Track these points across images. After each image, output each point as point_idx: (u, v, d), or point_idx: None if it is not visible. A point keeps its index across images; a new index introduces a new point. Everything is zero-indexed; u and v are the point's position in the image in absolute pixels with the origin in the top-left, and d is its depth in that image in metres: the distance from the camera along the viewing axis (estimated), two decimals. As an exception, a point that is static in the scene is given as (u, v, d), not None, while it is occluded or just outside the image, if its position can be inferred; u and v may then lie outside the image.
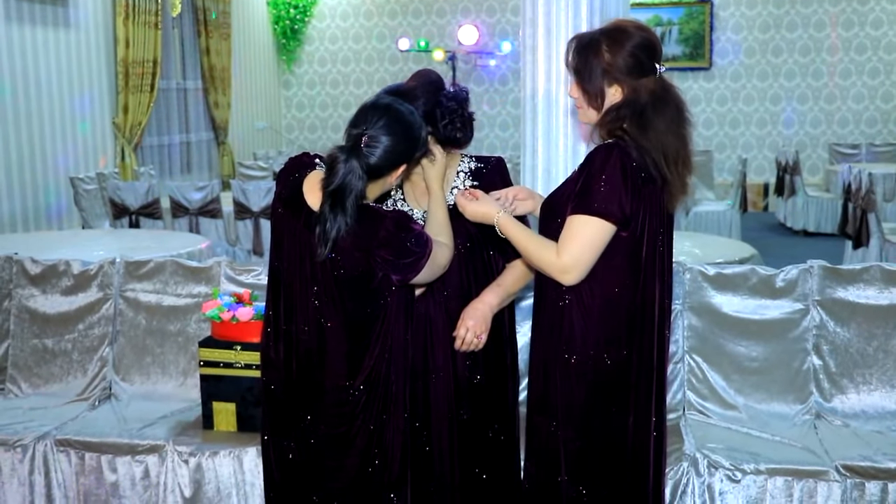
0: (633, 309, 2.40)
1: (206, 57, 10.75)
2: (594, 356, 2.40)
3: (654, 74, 2.39)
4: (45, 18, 8.11)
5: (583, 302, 2.39)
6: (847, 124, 11.99)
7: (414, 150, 2.42)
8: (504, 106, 12.70)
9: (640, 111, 2.33)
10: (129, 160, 9.05)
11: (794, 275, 3.52)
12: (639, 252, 2.38)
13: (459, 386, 2.66)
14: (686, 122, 2.41)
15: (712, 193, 9.93)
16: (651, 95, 2.35)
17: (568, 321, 2.41)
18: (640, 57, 2.37)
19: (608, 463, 2.44)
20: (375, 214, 2.35)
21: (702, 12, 12.04)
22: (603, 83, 2.39)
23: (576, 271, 2.34)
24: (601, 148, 2.36)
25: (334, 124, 13.18)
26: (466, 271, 2.66)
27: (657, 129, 2.33)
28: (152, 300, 3.89)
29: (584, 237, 2.33)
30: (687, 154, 2.40)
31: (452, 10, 12.77)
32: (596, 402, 2.42)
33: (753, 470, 3.07)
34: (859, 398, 3.46)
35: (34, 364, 3.94)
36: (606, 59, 2.37)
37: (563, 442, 2.44)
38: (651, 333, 2.44)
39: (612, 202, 2.29)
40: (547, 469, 2.49)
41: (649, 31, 2.45)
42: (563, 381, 2.43)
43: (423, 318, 2.62)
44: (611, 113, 2.38)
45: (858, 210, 7.26)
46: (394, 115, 2.37)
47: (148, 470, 3.36)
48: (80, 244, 5.73)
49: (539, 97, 3.96)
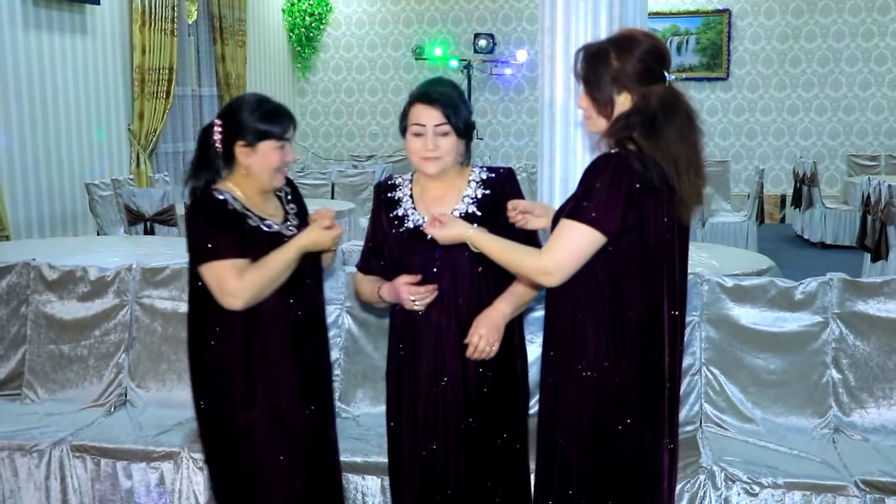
0: (643, 321, 2.37)
1: (221, 64, 10.78)
2: (606, 368, 2.37)
3: (664, 81, 2.37)
4: (63, 25, 8.16)
5: (594, 314, 2.37)
6: (866, 135, 11.92)
7: (233, 128, 2.66)
8: (519, 115, 12.69)
9: (650, 119, 2.31)
10: (144, 167, 9.08)
11: (813, 287, 3.50)
12: (646, 263, 2.35)
13: (469, 394, 2.66)
14: (697, 130, 2.38)
15: (729, 205, 9.89)
16: (661, 102, 2.33)
17: (580, 333, 2.39)
18: (650, 63, 2.35)
19: (620, 478, 2.41)
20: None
21: (720, 22, 12.01)
22: (612, 91, 2.37)
23: (558, 275, 2.34)
24: (602, 157, 2.34)
25: (349, 132, 13.21)
26: (479, 280, 2.66)
27: (667, 137, 2.30)
28: (168, 307, 3.90)
29: (571, 243, 2.32)
30: (699, 163, 2.37)
31: (468, 19, 12.77)
32: (607, 415, 2.39)
33: (771, 483, 3.05)
34: (879, 413, 3.43)
35: (50, 370, 3.95)
36: (615, 67, 2.36)
37: (575, 456, 2.42)
38: (662, 345, 2.41)
39: (604, 213, 2.28)
40: (558, 483, 2.46)
41: (657, 39, 2.44)
42: (574, 393, 2.41)
43: (435, 326, 2.63)
44: (620, 121, 2.36)
45: (877, 222, 7.21)
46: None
47: (163, 476, 3.36)
48: (96, 250, 5.74)
49: (557, 106, 3.95)
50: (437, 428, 2.66)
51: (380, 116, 13.23)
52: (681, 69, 11.97)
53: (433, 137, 2.64)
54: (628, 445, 2.40)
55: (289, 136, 2.70)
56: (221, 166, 2.72)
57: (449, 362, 2.64)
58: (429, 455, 2.67)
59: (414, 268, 2.65)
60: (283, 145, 2.69)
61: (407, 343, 2.69)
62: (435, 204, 2.70)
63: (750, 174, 11.44)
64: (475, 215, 2.67)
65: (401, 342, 2.72)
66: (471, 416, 2.66)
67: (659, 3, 11.86)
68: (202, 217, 2.63)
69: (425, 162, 2.67)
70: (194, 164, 2.73)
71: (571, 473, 2.43)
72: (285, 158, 2.70)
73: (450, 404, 2.65)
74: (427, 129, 2.64)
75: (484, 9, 12.74)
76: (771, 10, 11.97)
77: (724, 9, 12.00)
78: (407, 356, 2.69)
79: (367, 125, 13.28)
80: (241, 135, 2.65)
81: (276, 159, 2.67)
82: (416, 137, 2.67)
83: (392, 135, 13.15)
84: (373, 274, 2.80)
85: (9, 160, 7.45)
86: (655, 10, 11.60)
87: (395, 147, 12.93)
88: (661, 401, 2.43)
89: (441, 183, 2.73)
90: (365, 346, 3.71)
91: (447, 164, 2.68)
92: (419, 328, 2.66)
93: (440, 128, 2.64)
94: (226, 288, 2.57)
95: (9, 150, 7.44)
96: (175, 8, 9.46)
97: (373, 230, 2.82)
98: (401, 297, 2.63)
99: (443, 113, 2.63)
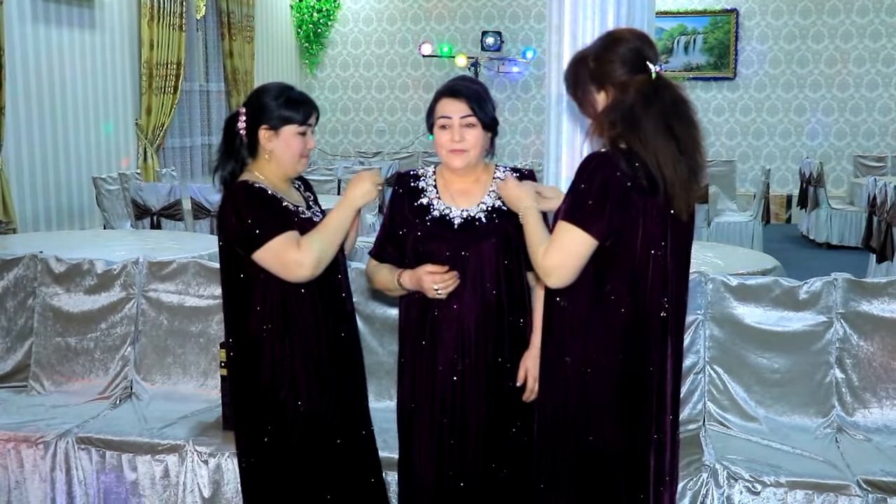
0: (628, 316, 2.37)
1: (229, 59, 10.80)
2: (587, 360, 2.39)
3: (647, 74, 2.35)
4: (72, 19, 8.18)
5: (579, 306, 2.39)
6: (873, 136, 11.90)
7: (257, 113, 2.70)
8: (526, 113, 12.69)
9: (628, 111, 2.31)
10: (151, 161, 9.10)
11: (817, 287, 3.50)
12: (632, 259, 2.35)
13: (490, 384, 2.69)
14: (686, 119, 2.34)
15: (735, 204, 9.89)
16: (637, 94, 2.31)
17: (568, 325, 2.42)
18: (627, 58, 2.36)
19: (598, 470, 2.43)
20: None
21: (727, 22, 11.99)
22: (592, 89, 2.42)
23: (556, 275, 2.35)
24: (588, 157, 2.36)
25: (356, 129, 13.22)
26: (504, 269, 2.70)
27: (646, 129, 2.28)
28: (174, 301, 3.91)
29: (566, 245, 2.34)
30: (689, 152, 2.33)
31: (476, 16, 12.77)
32: (587, 406, 2.41)
33: (774, 482, 3.05)
34: (882, 413, 3.43)
35: (57, 362, 3.97)
36: (591, 67, 2.41)
37: (560, 444, 2.46)
38: (648, 345, 2.40)
39: (590, 216, 2.30)
40: (547, 472, 2.50)
41: (640, 35, 2.45)
42: (557, 382, 2.44)
43: (457, 315, 2.66)
44: (601, 117, 2.38)
45: (883, 223, 7.20)
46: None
47: (168, 469, 3.37)
48: (102, 244, 5.77)
49: (563, 104, 3.95)
50: (455, 419, 2.69)
51: (387, 113, 13.24)
52: (688, 68, 11.97)
53: (459, 129, 2.67)
54: (607, 441, 2.41)
55: (311, 123, 2.75)
56: (246, 155, 2.76)
57: (469, 352, 2.67)
58: (447, 446, 2.70)
59: (439, 255, 2.67)
60: (306, 132, 2.74)
61: (427, 334, 2.71)
62: (460, 196, 2.75)
63: (756, 174, 11.43)
64: (500, 210, 2.72)
65: (420, 333, 2.72)
66: (490, 408, 2.69)
67: (667, 3, 11.83)
68: (243, 205, 2.63)
69: (452, 155, 2.69)
70: (221, 153, 2.77)
71: (556, 459, 2.47)
72: (308, 145, 2.75)
73: (471, 394, 2.68)
74: (453, 121, 2.67)
75: (492, 6, 12.73)
76: (779, 10, 11.95)
77: (732, 8, 11.97)
78: (427, 346, 2.71)
79: (373, 122, 13.29)
80: (264, 119, 2.69)
81: (298, 145, 2.72)
82: (443, 130, 2.69)
83: (399, 131, 13.17)
84: (387, 261, 2.81)
85: (16, 154, 7.47)
86: (663, 9, 11.58)
87: (402, 144, 12.95)
88: (644, 401, 2.41)
89: (466, 177, 2.76)
90: (370, 341, 3.71)
91: (473, 158, 2.71)
92: (439, 318, 2.68)
93: (466, 119, 2.67)
94: (289, 260, 2.59)
95: (17, 143, 7.46)
96: (183, 3, 9.49)
97: (391, 218, 2.83)
98: (423, 285, 2.64)
99: (469, 105, 2.67)
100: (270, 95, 2.71)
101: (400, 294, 2.79)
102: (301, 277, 2.62)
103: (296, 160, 2.74)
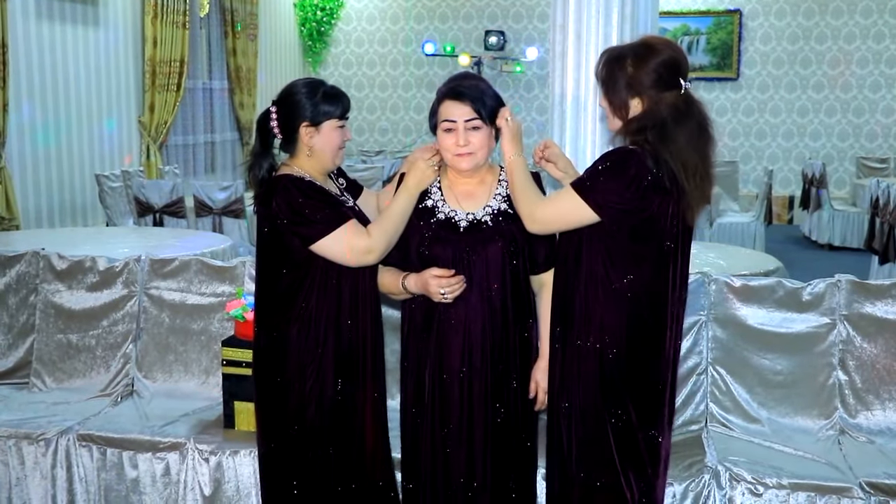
0: (634, 307, 2.50)
1: (232, 57, 10.80)
2: (605, 345, 2.51)
3: (678, 90, 2.49)
4: (76, 17, 8.18)
5: (590, 290, 2.51)
6: (875, 138, 11.88)
7: (295, 111, 2.71)
8: (529, 112, 12.68)
9: (660, 124, 2.44)
10: (154, 159, 9.10)
11: (821, 288, 3.49)
12: (647, 253, 2.49)
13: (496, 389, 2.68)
14: (708, 138, 2.51)
15: (737, 205, 9.87)
16: (671, 109, 2.45)
17: (581, 307, 2.53)
18: (663, 73, 2.48)
19: (599, 454, 2.54)
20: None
21: (730, 22, 11.98)
22: (626, 95, 2.51)
23: (538, 226, 2.57)
24: (621, 148, 2.48)
25: (358, 127, 13.21)
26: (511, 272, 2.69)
27: (677, 142, 2.43)
28: (176, 298, 3.91)
29: (564, 208, 2.52)
30: (706, 168, 2.49)
31: (479, 16, 12.77)
32: (597, 391, 2.53)
33: (776, 484, 3.05)
34: (885, 415, 3.42)
35: (58, 359, 3.97)
36: (630, 73, 2.50)
37: (574, 424, 2.57)
38: (663, 338, 2.54)
39: (602, 194, 2.44)
40: (561, 446, 2.60)
41: (676, 49, 2.57)
42: (568, 362, 2.56)
43: (464, 317, 2.64)
44: (631, 124, 2.50)
45: (886, 225, 7.19)
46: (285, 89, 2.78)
47: (168, 467, 3.37)
48: (105, 241, 5.77)
49: (568, 103, 3.95)
50: (463, 422, 2.66)
51: (389, 112, 13.24)
52: (691, 69, 11.92)
53: (464, 133, 2.64)
54: (603, 425, 2.53)
55: (348, 116, 2.79)
56: (279, 152, 2.79)
57: (475, 358, 2.65)
58: (453, 450, 2.67)
59: (444, 259, 2.65)
60: (344, 124, 2.77)
61: (432, 338, 2.68)
62: (466, 198, 2.73)
63: (759, 175, 11.41)
64: (506, 212, 2.70)
65: (426, 338, 2.69)
66: (497, 413, 2.68)
67: (670, 3, 11.83)
68: (300, 196, 2.64)
69: (458, 159, 2.67)
70: (256, 152, 2.77)
71: (572, 440, 2.57)
72: (346, 137, 2.78)
73: (477, 397, 2.66)
74: (458, 124, 2.65)
75: (495, 6, 12.73)
76: (782, 10, 11.94)
77: (735, 9, 11.97)
78: (433, 351, 2.68)
79: (376, 120, 13.29)
80: (304, 116, 2.70)
81: (338, 138, 2.75)
82: (448, 134, 2.67)
83: (402, 130, 13.16)
84: (390, 264, 2.77)
85: (20, 150, 7.47)
86: (667, 9, 11.58)
87: (405, 143, 12.94)
88: (638, 390, 2.53)
89: (471, 179, 2.75)
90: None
91: (480, 160, 2.70)
92: (444, 322, 2.65)
93: (471, 122, 2.65)
94: (358, 247, 2.62)
95: (20, 140, 7.46)
96: (187, 1, 9.48)
97: None
98: (429, 289, 2.62)
99: (473, 108, 2.64)
100: (305, 93, 2.71)
101: (404, 297, 2.77)
102: (367, 263, 2.67)
103: (335, 153, 2.77)
